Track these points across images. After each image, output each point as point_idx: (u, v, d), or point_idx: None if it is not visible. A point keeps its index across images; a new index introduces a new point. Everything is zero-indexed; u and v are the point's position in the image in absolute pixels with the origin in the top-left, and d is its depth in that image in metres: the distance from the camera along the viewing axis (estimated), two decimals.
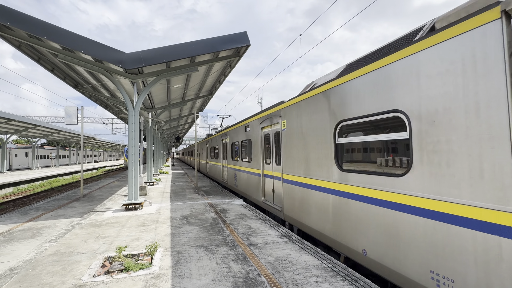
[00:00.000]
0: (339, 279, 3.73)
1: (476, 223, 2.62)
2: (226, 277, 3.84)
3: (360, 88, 4.23)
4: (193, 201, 10.05)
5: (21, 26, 6.62)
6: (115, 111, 18.66)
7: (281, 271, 4.01)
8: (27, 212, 8.77)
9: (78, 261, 4.52)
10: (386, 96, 3.74)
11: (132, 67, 7.57)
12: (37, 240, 5.83)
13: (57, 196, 11.95)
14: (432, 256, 3.06)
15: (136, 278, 3.85)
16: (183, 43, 7.94)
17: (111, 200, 10.70)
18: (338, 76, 4.83)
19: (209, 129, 49.75)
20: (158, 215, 7.77)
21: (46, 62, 9.84)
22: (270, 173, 8.04)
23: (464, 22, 2.75)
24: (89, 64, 8.20)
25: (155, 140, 20.24)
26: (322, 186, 5.14)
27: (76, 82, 12.09)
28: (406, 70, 3.43)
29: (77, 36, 7.15)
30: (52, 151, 47.98)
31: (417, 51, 3.29)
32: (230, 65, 10.59)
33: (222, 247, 5.06)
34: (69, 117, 10.72)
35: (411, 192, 3.35)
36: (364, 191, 4.11)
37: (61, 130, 30.88)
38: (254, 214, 7.80)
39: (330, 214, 4.94)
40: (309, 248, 4.99)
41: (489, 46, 2.53)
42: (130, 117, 8.65)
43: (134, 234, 5.99)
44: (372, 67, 3.99)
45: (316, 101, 5.41)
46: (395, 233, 3.55)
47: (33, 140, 36.01)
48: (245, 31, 8.26)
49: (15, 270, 4.20)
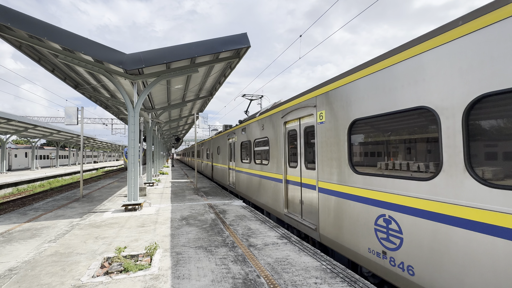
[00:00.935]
0: (338, 281, 3.73)
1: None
2: (225, 278, 3.84)
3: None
4: (192, 202, 10.04)
5: (22, 26, 6.64)
6: (115, 112, 18.67)
7: (280, 272, 4.00)
8: (26, 212, 8.76)
9: (77, 261, 4.51)
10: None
11: (132, 68, 7.59)
12: (36, 241, 5.83)
13: (56, 197, 11.94)
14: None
15: (135, 279, 3.84)
16: (184, 44, 7.96)
17: (111, 200, 10.69)
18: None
19: (209, 130, 49.74)
20: (157, 216, 7.77)
21: (46, 63, 9.86)
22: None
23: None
24: (89, 65, 8.21)
25: (155, 140, 20.24)
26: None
27: (76, 82, 12.11)
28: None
29: (77, 36, 7.17)
30: (52, 151, 47.97)
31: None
32: (230, 66, 10.61)
33: (221, 248, 5.06)
34: (69, 118, 10.73)
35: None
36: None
37: (61, 130, 30.88)
38: (254, 215, 7.79)
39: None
40: (309, 249, 4.99)
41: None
42: (130, 118, 8.66)
43: (133, 235, 5.99)
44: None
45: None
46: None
47: (33, 141, 35.99)
48: (245, 32, 8.29)
49: (14, 270, 4.19)
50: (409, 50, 3.54)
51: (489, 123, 2.72)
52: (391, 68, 3.79)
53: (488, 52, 2.66)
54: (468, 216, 2.83)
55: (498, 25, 2.61)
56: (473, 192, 2.78)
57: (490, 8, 2.71)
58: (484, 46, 2.70)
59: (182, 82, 11.51)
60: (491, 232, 2.62)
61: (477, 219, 2.73)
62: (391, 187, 3.75)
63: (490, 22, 2.67)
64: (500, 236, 2.55)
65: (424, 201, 3.29)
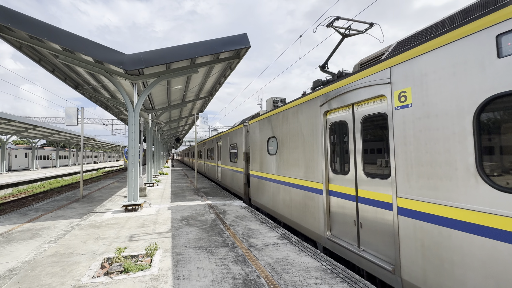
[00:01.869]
0: (339, 281, 3.73)
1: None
2: (225, 278, 3.84)
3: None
4: (192, 202, 10.04)
5: (22, 27, 6.65)
6: (115, 112, 18.69)
7: (280, 273, 4.00)
8: (26, 213, 8.77)
9: (77, 262, 4.51)
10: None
11: (132, 68, 7.60)
12: (36, 241, 5.83)
13: (56, 197, 11.94)
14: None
15: (136, 279, 3.84)
16: (184, 45, 7.97)
17: (111, 201, 10.69)
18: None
19: (209, 130, 49.72)
20: (157, 216, 7.77)
21: (46, 63, 9.87)
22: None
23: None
24: (89, 65, 8.22)
25: (155, 141, 20.25)
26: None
27: (76, 83, 12.12)
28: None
29: (77, 37, 7.18)
30: (52, 152, 47.97)
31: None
32: (230, 67, 10.62)
33: (221, 249, 5.06)
34: (69, 118, 10.74)
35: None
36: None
37: (61, 131, 30.88)
38: (254, 215, 7.79)
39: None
40: (309, 250, 4.99)
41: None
42: (130, 118, 8.67)
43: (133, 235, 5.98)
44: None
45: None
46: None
47: (33, 141, 36.00)
48: (245, 33, 8.30)
49: (14, 271, 4.19)
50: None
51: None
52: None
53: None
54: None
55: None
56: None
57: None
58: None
59: (182, 82, 11.52)
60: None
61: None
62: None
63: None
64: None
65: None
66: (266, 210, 8.47)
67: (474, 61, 2.75)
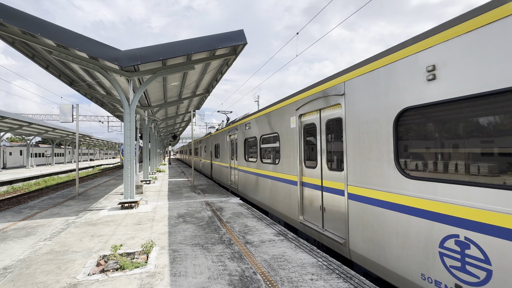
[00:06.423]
0: (334, 277, 3.75)
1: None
2: (222, 275, 3.84)
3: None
4: (189, 200, 10.03)
5: (15, 22, 6.53)
6: (111, 109, 18.53)
7: (276, 269, 4.02)
8: (21, 210, 8.69)
9: (73, 259, 4.49)
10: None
11: (127, 64, 7.52)
12: (31, 239, 5.78)
13: (52, 195, 11.85)
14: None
15: (132, 277, 3.84)
16: (180, 41, 7.89)
17: (107, 198, 10.64)
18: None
19: (206, 127, 49.62)
20: (154, 214, 7.75)
21: (40, 59, 9.73)
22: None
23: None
24: (84, 62, 8.12)
25: (151, 138, 20.14)
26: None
27: (71, 79, 11.97)
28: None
29: (71, 33, 7.08)
30: (47, 149, 47.54)
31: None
32: (227, 63, 10.56)
33: (218, 246, 5.06)
34: (64, 115, 10.62)
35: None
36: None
37: (56, 128, 30.60)
38: (251, 212, 7.81)
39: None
40: (305, 246, 5.01)
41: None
42: (126, 115, 8.60)
43: (129, 233, 5.97)
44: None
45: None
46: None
47: (27, 138, 35.64)
48: (242, 29, 8.24)
49: (8, 269, 4.16)
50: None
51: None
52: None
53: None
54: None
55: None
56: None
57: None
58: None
59: (179, 79, 11.44)
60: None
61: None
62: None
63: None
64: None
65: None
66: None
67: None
